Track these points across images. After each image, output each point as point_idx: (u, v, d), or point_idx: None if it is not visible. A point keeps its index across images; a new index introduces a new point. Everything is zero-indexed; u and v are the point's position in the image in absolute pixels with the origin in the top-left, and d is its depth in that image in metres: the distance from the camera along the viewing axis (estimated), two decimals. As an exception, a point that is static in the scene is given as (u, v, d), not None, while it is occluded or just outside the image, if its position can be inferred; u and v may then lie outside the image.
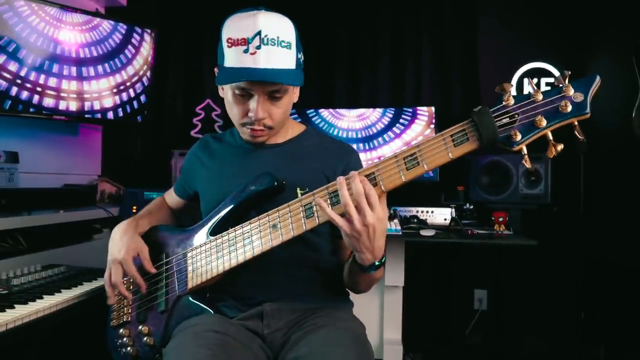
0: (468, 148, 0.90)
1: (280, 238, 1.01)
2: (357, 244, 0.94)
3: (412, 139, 2.49)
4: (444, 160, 0.91)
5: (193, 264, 1.12)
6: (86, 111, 2.23)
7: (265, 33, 1.02)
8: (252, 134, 1.14)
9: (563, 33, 2.66)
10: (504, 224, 2.10)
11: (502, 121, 0.88)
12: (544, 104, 0.85)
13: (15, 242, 1.62)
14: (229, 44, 1.04)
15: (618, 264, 2.31)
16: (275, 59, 1.04)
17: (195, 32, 2.90)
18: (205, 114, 2.78)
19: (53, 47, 2.07)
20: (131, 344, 1.16)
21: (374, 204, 0.91)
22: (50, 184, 2.20)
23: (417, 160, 0.92)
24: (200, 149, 1.30)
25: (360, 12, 2.83)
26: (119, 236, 1.16)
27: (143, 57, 2.42)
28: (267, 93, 1.07)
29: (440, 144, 0.91)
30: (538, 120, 0.85)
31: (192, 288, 1.11)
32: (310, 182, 1.13)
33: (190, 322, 1.08)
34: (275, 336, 1.09)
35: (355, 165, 1.21)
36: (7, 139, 2.02)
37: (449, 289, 2.74)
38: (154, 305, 1.16)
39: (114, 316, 1.20)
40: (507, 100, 0.87)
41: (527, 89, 2.66)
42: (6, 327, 1.07)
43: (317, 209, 0.98)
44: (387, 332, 2.16)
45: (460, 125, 0.91)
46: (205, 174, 1.25)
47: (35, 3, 1.98)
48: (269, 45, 1.03)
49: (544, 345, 2.59)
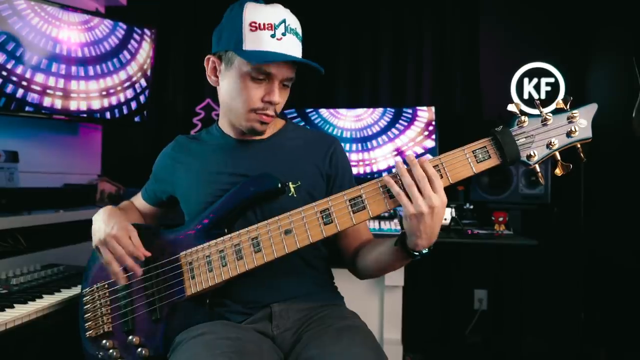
0: (490, 164, 0.96)
1: (296, 245, 0.99)
2: (418, 226, 0.93)
3: (410, 140, 2.49)
4: (467, 174, 0.96)
5: (191, 270, 1.07)
6: (86, 111, 2.23)
7: (289, 22, 1.06)
8: (261, 120, 1.11)
9: (564, 33, 2.66)
10: (504, 224, 2.10)
11: (519, 141, 0.95)
12: (556, 128, 0.95)
13: (15, 242, 1.62)
14: (252, 28, 1.04)
15: (618, 264, 2.30)
16: (295, 48, 1.07)
17: (196, 31, 2.90)
18: (205, 114, 2.78)
19: (53, 47, 2.07)
20: (119, 356, 1.08)
21: (438, 187, 0.92)
22: (50, 184, 2.20)
23: (440, 173, 0.95)
24: (175, 150, 1.26)
25: (361, 12, 2.83)
26: (107, 216, 1.11)
27: (143, 56, 2.42)
28: (283, 80, 1.09)
29: (462, 158, 0.96)
30: (551, 143, 0.95)
31: (191, 295, 1.06)
32: (302, 175, 1.15)
33: (197, 331, 1.02)
34: (285, 336, 1.09)
35: (341, 154, 1.23)
36: (7, 138, 2.02)
37: (449, 289, 2.73)
38: (143, 313, 1.08)
39: (90, 325, 1.11)
40: (522, 122, 0.95)
41: (527, 89, 2.66)
42: (6, 326, 1.07)
43: (336, 215, 0.98)
44: (387, 332, 2.16)
45: (481, 143, 0.96)
46: (185, 174, 1.21)
47: (35, 2, 1.98)
48: (292, 35, 1.06)
49: (544, 346, 2.59)
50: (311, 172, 1.17)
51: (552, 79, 2.65)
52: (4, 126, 2.01)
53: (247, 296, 1.11)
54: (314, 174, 1.18)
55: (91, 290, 1.15)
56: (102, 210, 1.15)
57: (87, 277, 1.18)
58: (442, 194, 0.93)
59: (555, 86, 2.65)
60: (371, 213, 0.98)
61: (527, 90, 2.68)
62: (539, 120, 0.95)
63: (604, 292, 2.41)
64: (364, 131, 2.54)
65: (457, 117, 2.69)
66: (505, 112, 3.00)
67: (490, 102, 2.70)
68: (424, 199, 0.91)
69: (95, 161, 2.60)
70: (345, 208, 0.98)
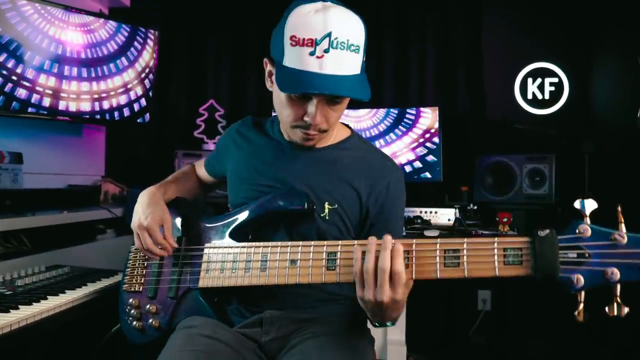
0: (518, 272, 0.79)
1: (297, 278, 0.96)
2: (368, 309, 0.89)
3: (413, 141, 2.48)
4: (488, 274, 0.81)
5: (208, 265, 1.10)
6: (90, 112, 2.23)
7: (336, 35, 0.92)
8: (305, 137, 1.04)
9: (567, 32, 2.64)
10: (508, 225, 2.09)
11: (568, 256, 0.74)
12: (625, 254, 0.70)
13: (19, 243, 1.63)
14: (292, 42, 0.93)
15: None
16: (342, 64, 0.94)
17: (199, 32, 2.90)
18: (208, 115, 2.78)
19: (56, 48, 2.07)
20: (138, 318, 1.16)
21: (396, 284, 0.83)
22: (54, 185, 2.20)
23: (457, 260, 0.83)
24: (239, 132, 1.23)
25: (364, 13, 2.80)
26: (146, 202, 1.14)
27: (146, 58, 2.42)
28: (327, 99, 0.98)
29: (489, 252, 0.81)
30: (610, 272, 0.71)
31: (202, 287, 1.10)
32: (342, 199, 1.07)
33: (189, 322, 1.08)
34: (273, 344, 1.07)
35: (394, 189, 1.10)
36: (11, 139, 2.02)
37: (452, 290, 2.73)
38: (165, 287, 1.15)
39: (127, 280, 1.21)
40: (582, 232, 0.73)
41: (531, 89, 2.65)
42: (10, 328, 1.07)
43: (341, 263, 0.92)
44: (391, 333, 2.15)
45: (519, 242, 0.79)
46: (236, 161, 1.20)
47: (39, 4, 1.98)
48: (338, 50, 0.93)
49: (548, 346, 2.57)
50: (352, 198, 1.08)
51: (555, 79, 2.64)
52: (8, 127, 2.02)
53: (248, 298, 1.11)
54: (354, 202, 1.09)
55: (136, 250, 1.21)
56: (145, 192, 1.17)
57: None
58: (399, 292, 0.83)
59: (559, 86, 2.63)
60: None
61: (531, 90, 2.66)
62: (607, 234, 0.73)
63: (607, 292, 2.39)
64: (372, 130, 2.54)
65: (460, 117, 2.69)
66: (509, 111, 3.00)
67: (494, 102, 2.69)
68: (375, 289, 0.83)
69: (99, 162, 2.60)
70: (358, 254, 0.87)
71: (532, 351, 2.54)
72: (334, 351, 0.99)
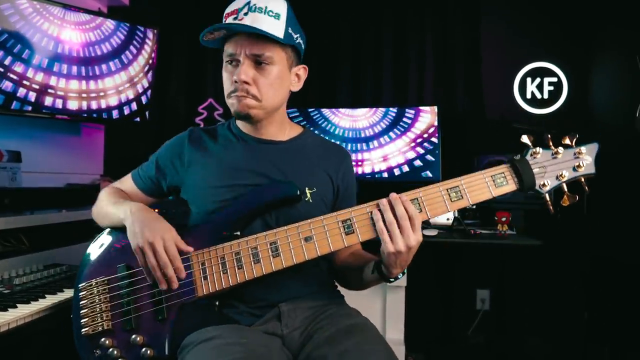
0: (508, 190, 1.05)
1: (317, 252, 1.02)
2: (395, 261, 0.99)
3: (412, 140, 2.48)
4: (486, 197, 1.03)
5: (204, 270, 1.05)
6: (88, 111, 2.23)
7: (254, 3, 1.08)
8: (238, 99, 1.11)
9: (566, 32, 2.65)
10: (507, 224, 2.09)
11: (534, 170, 1.04)
12: (565, 162, 1.05)
13: (17, 242, 1.62)
14: (225, 19, 1.11)
15: (622, 263, 2.29)
16: (260, 22, 1.07)
17: (198, 31, 2.88)
18: (207, 114, 2.78)
19: (55, 47, 2.07)
20: (120, 355, 1.04)
21: (417, 226, 0.97)
22: (52, 184, 2.20)
23: (460, 194, 1.02)
24: (191, 143, 1.21)
25: (363, 12, 2.82)
26: (145, 216, 1.06)
27: (145, 56, 2.42)
28: (251, 57, 1.09)
29: (482, 181, 1.03)
30: (561, 174, 1.04)
31: (203, 296, 1.05)
32: (317, 182, 1.17)
33: (206, 334, 0.99)
34: (294, 336, 1.08)
35: (351, 168, 1.28)
36: (10, 138, 2.02)
37: (451, 289, 2.73)
38: (147, 312, 1.06)
39: (87, 322, 1.06)
40: (536, 153, 1.04)
41: (530, 89, 2.66)
42: (8, 326, 1.07)
43: (357, 226, 1.01)
44: (390, 332, 2.15)
45: (500, 169, 1.05)
46: (201, 169, 1.18)
47: (38, 2, 1.98)
48: (256, 13, 1.07)
49: (547, 346, 2.58)
50: (325, 180, 1.20)
51: (555, 78, 2.64)
52: (6, 126, 2.02)
53: (255, 297, 1.10)
54: (327, 183, 1.21)
55: (89, 285, 1.10)
56: (137, 209, 1.08)
57: (82, 272, 1.14)
58: (420, 233, 0.98)
59: (558, 86, 2.64)
60: None
61: (530, 90, 2.67)
62: (549, 153, 1.05)
63: (607, 292, 2.40)
64: (371, 129, 2.54)
65: (459, 117, 2.69)
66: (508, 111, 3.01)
67: (493, 101, 2.69)
68: (403, 237, 0.96)
69: (98, 161, 2.60)
70: (368, 220, 1.01)
71: (531, 350, 2.54)
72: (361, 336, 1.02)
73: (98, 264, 1.13)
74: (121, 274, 1.09)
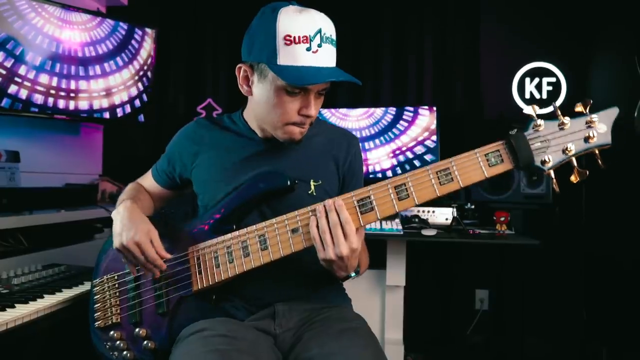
0: (503, 169, 0.94)
1: (303, 244, 1.01)
2: (331, 267, 1.00)
3: (411, 140, 2.49)
4: (479, 178, 0.95)
5: (199, 265, 1.08)
6: (87, 110, 2.22)
7: (325, 31, 1.02)
8: (299, 132, 1.09)
9: (565, 32, 2.65)
10: (505, 224, 2.09)
11: (534, 145, 0.93)
12: (573, 133, 0.92)
13: (16, 242, 1.62)
14: (287, 42, 0.99)
15: (620, 263, 2.30)
16: (331, 56, 1.05)
17: (197, 31, 2.90)
18: (206, 114, 2.78)
19: (54, 46, 2.07)
20: (126, 348, 1.11)
21: (349, 233, 0.95)
22: (51, 184, 2.20)
23: (450, 176, 0.95)
24: (198, 134, 1.22)
25: (362, 12, 2.82)
26: (128, 216, 1.08)
27: (144, 56, 2.42)
28: (319, 91, 1.07)
29: (474, 161, 0.95)
30: (567, 148, 0.91)
31: (198, 290, 1.08)
32: (323, 175, 1.16)
33: (197, 327, 1.03)
34: (286, 336, 1.08)
35: (359, 156, 1.25)
36: (8, 138, 2.02)
37: (450, 289, 2.73)
38: (150, 306, 1.11)
39: (99, 316, 1.14)
40: (538, 126, 0.92)
41: (529, 89, 2.66)
42: (7, 326, 1.07)
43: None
44: (388, 332, 2.16)
45: (494, 146, 0.95)
46: (207, 162, 1.19)
47: (37, 2, 1.98)
48: (328, 44, 1.03)
49: (546, 346, 2.58)
50: (331, 172, 1.19)
51: (553, 78, 2.64)
52: (5, 126, 2.01)
53: (252, 293, 1.11)
54: (333, 174, 1.20)
55: (101, 281, 1.17)
56: (122, 209, 1.11)
57: (98, 268, 1.20)
58: (354, 240, 0.96)
59: (557, 86, 2.64)
60: (379, 215, 1.00)
61: (529, 90, 2.67)
62: (556, 124, 0.93)
63: (605, 292, 2.40)
64: (364, 131, 2.54)
65: (458, 117, 2.69)
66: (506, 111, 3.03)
67: (491, 102, 2.70)
68: (334, 246, 0.95)
69: (97, 161, 2.59)
70: (354, 209, 0.99)
71: (530, 350, 2.54)
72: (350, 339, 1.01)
73: (110, 261, 1.19)
74: (127, 270, 1.14)
